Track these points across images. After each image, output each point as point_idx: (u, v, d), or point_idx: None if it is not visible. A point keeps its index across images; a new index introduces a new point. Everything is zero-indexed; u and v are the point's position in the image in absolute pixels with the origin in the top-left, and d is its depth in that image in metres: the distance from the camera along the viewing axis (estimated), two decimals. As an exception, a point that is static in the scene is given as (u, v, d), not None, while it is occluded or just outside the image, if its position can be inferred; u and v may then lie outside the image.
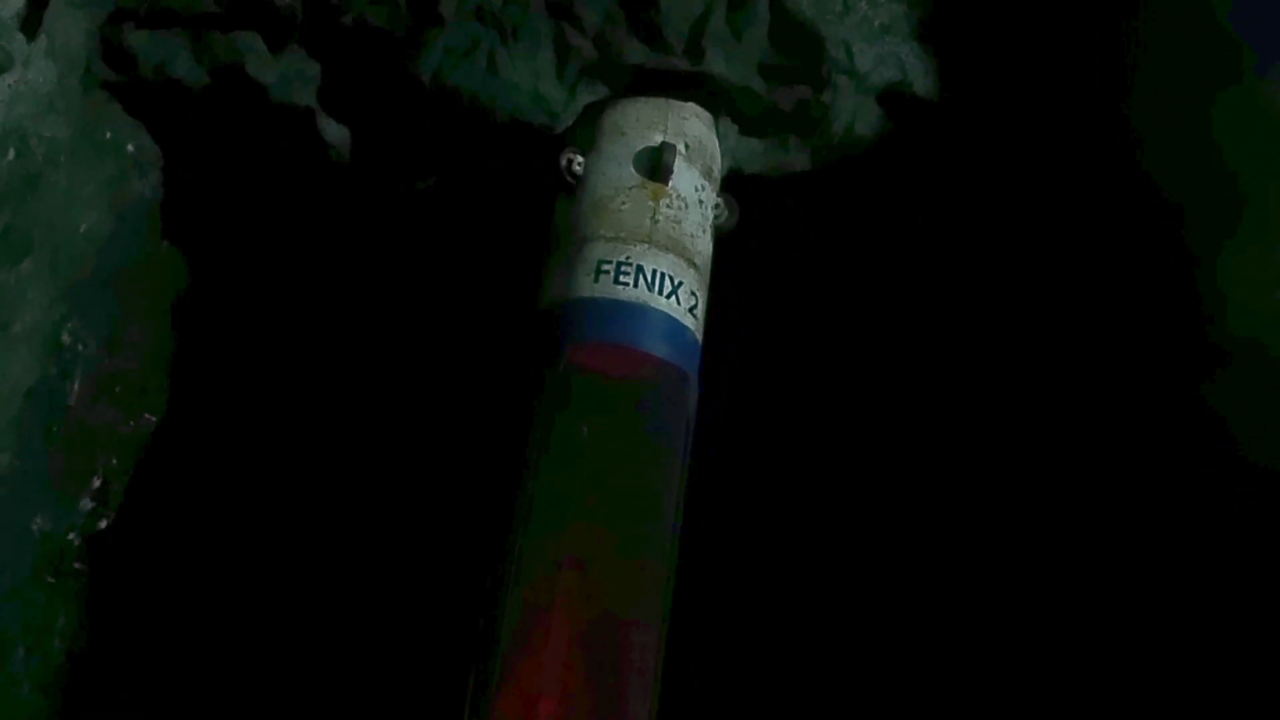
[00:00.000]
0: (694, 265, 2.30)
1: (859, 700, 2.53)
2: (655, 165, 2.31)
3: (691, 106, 2.43)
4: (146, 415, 2.54)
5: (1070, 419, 2.53)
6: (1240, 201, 2.44)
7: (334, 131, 2.51)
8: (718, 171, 2.42)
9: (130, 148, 2.56)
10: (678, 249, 2.29)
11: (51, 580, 2.47)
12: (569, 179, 2.34)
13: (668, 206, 2.31)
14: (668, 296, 2.25)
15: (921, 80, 2.62)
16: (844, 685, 2.55)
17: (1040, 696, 2.41)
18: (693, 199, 2.34)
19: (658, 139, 2.33)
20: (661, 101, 2.42)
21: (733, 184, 2.44)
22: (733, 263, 2.38)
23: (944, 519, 2.60)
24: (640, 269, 2.25)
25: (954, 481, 2.61)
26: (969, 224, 2.61)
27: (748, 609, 2.54)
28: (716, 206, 2.38)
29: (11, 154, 2.34)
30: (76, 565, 2.49)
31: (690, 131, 2.38)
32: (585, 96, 2.50)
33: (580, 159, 2.34)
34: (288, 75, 2.51)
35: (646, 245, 2.27)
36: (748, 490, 2.53)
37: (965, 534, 2.57)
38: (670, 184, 2.31)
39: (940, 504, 2.60)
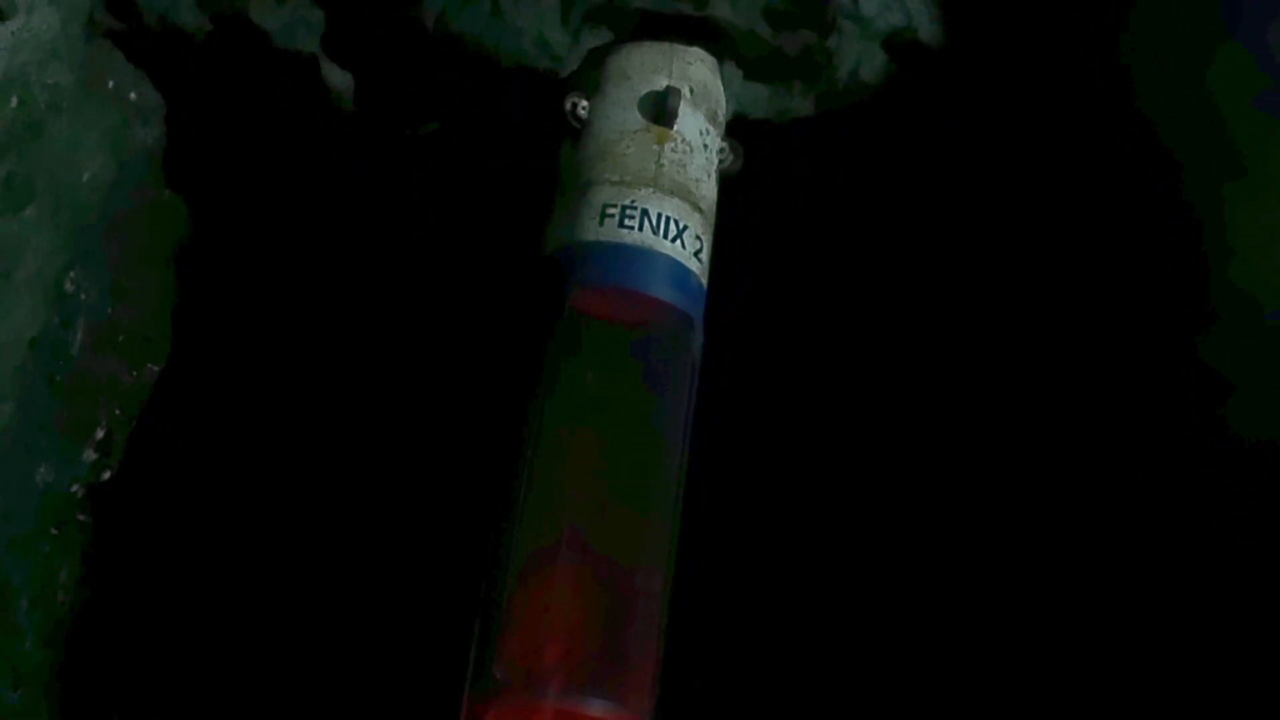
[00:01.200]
0: (699, 209, 2.29)
1: (873, 655, 2.54)
2: (660, 109, 2.29)
3: (696, 51, 2.40)
4: (150, 365, 2.54)
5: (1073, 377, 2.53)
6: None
7: (337, 78, 2.50)
8: (722, 116, 2.40)
9: (133, 96, 2.55)
10: (682, 193, 2.28)
11: (55, 532, 2.47)
12: (573, 123, 2.32)
13: (672, 151, 2.30)
14: (672, 240, 2.24)
15: (926, 26, 2.60)
16: (854, 640, 2.56)
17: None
18: (697, 143, 2.32)
19: (662, 83, 2.32)
20: (666, 46, 2.39)
21: (737, 129, 2.43)
22: (738, 208, 2.37)
23: (950, 463, 2.60)
24: (645, 213, 2.24)
25: (960, 426, 2.61)
26: (972, 170, 2.61)
27: (754, 560, 2.54)
28: (721, 151, 2.37)
29: (14, 101, 2.34)
30: (80, 517, 2.49)
31: (695, 76, 2.36)
32: (590, 41, 2.49)
33: (584, 103, 2.33)
34: (291, 22, 2.50)
35: (651, 189, 2.26)
36: (752, 436, 2.52)
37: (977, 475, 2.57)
38: (675, 128, 2.29)
39: (946, 449, 2.61)
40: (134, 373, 2.53)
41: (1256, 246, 2.44)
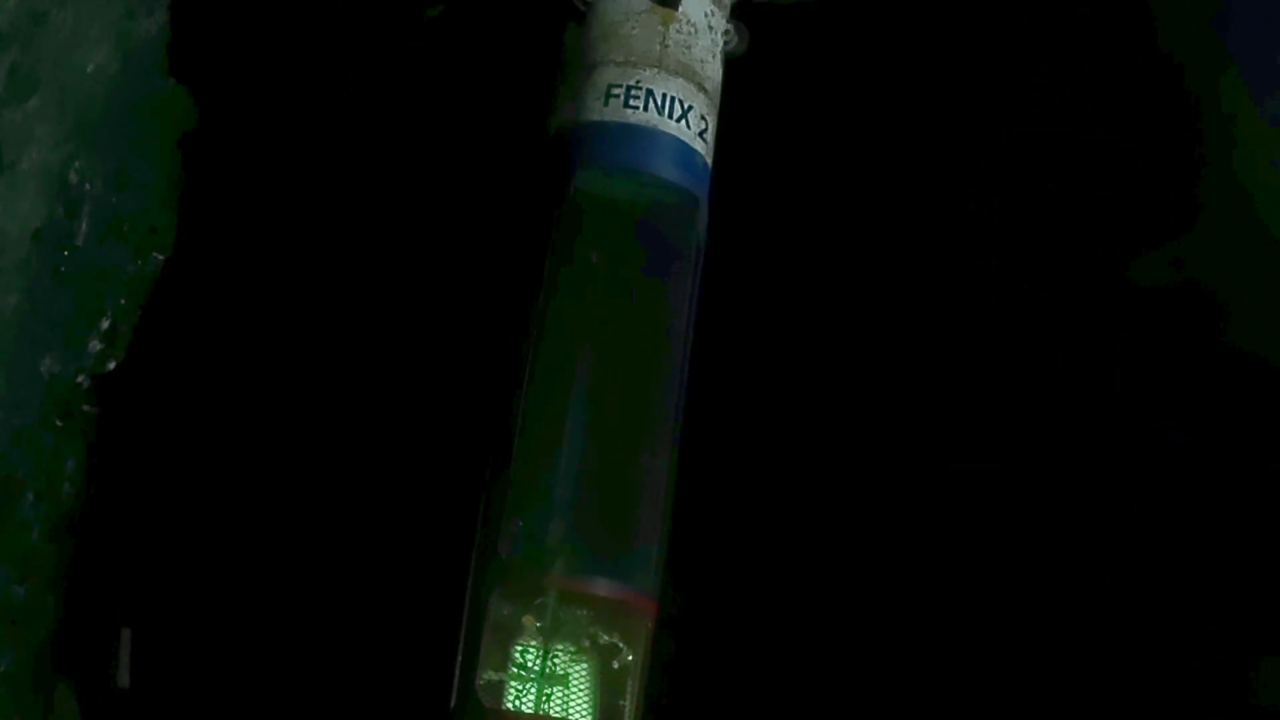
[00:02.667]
0: (704, 90, 2.30)
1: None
2: (665, -10, 2.31)
3: (702, -67, 2.42)
4: (155, 254, 2.53)
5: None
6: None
7: (342, -36, 2.51)
8: (728, -2, 2.41)
9: (136, -15, 2.55)
10: (687, 74, 2.28)
11: (60, 423, 2.46)
12: (579, 6, 2.34)
13: (677, 31, 2.30)
14: (677, 120, 2.25)
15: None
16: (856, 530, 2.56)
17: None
18: (702, 24, 2.33)
19: (667, -36, 2.33)
20: (672, -72, 2.40)
21: (742, 11, 2.42)
22: (742, 90, 2.36)
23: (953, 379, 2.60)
24: (650, 93, 2.25)
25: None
26: (979, 56, 2.61)
27: (758, 442, 2.53)
28: (726, 33, 2.38)
29: (18, -8, 2.34)
30: (85, 408, 2.48)
31: (700, -43, 2.37)
32: (596, -75, 2.48)
33: (590, -14, 2.34)
34: (294, -96, 2.51)
35: (656, 70, 2.26)
36: (757, 315, 2.52)
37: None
38: (680, 9, 2.30)
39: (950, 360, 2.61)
40: (139, 262, 2.52)
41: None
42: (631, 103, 2.23)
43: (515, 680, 2.12)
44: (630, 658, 2.16)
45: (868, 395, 2.55)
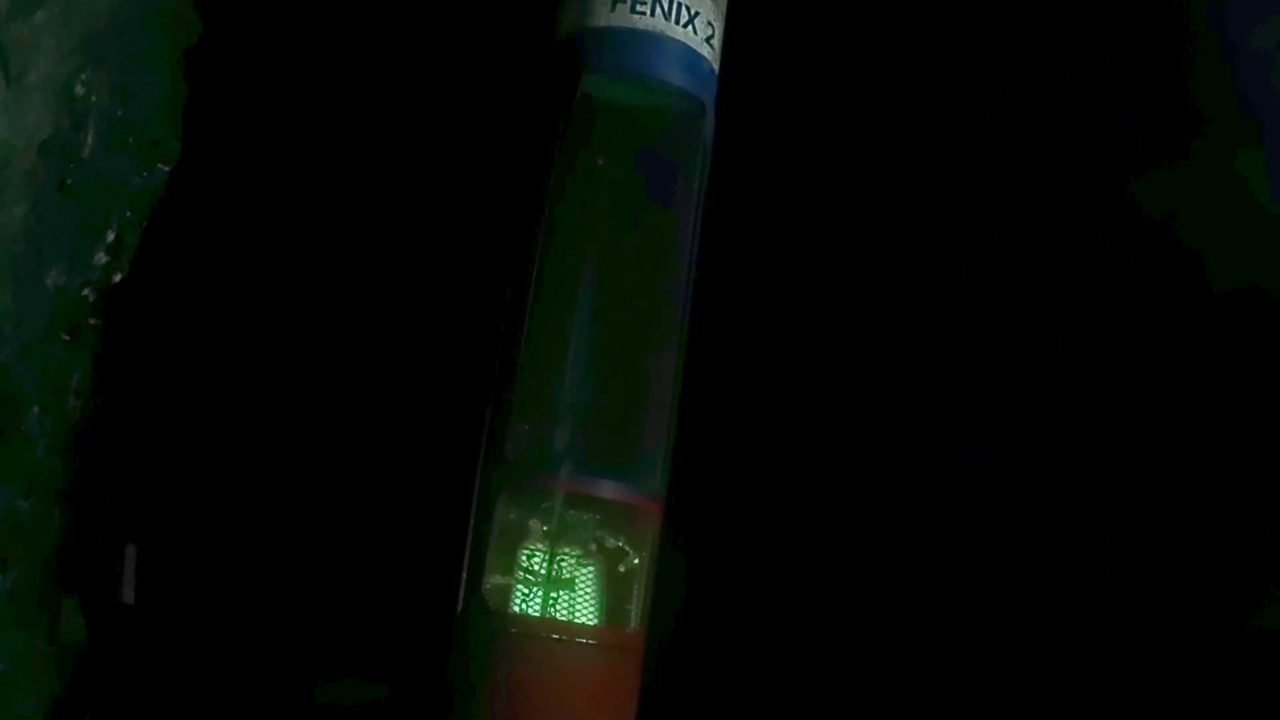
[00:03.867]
0: (712, -5, 2.30)
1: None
2: (673, -105, 2.30)
3: None
4: (160, 165, 2.53)
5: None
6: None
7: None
8: (736, -98, 2.40)
9: (142, -103, 2.54)
10: (694, -22, 2.28)
11: (66, 337, 2.46)
12: (587, -90, 2.33)
13: (686, -65, 2.30)
14: (684, 25, 2.24)
15: None
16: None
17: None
18: (711, -71, 2.32)
19: None
20: None
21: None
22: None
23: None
24: (657, -2, 2.24)
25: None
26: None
27: (762, 343, 2.54)
28: (735, -63, 2.37)
29: (23, -96, 2.33)
30: (91, 321, 2.48)
31: None
32: None
33: (596, -113, 2.33)
34: None
35: (663, -25, 2.26)
36: (763, 219, 2.52)
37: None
38: (688, -88, 2.31)
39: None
40: (144, 174, 2.52)
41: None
42: (639, 8, 2.22)
43: (522, 584, 2.13)
44: (636, 561, 2.17)
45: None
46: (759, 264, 2.55)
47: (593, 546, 2.16)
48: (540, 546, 2.14)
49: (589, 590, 2.16)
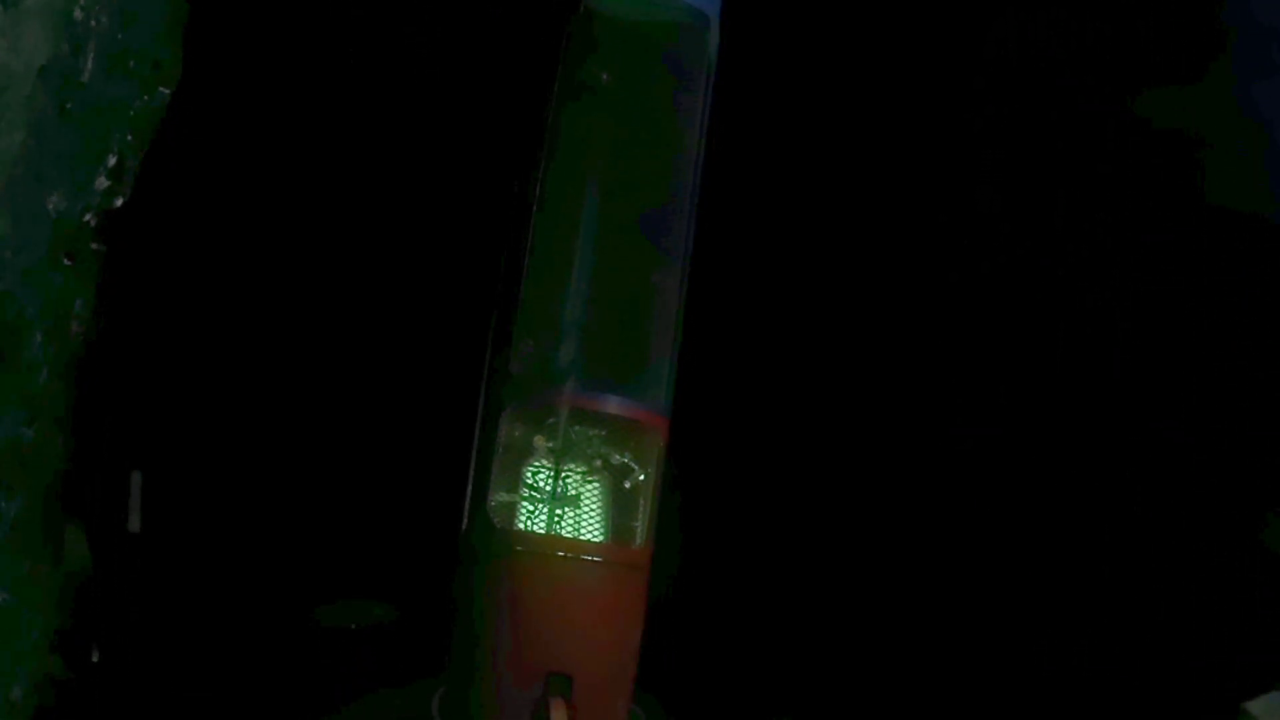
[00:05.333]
0: (717, -94, 2.28)
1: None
2: None
3: None
4: (161, 89, 2.51)
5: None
6: None
7: None
8: None
9: None
10: (698, -113, 2.26)
11: (68, 262, 2.45)
12: None
13: None
14: (688, -62, 2.23)
15: None
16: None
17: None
18: None
19: None
20: None
21: None
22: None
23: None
24: (660, -91, 2.23)
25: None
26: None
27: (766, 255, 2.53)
28: None
29: None
30: (93, 246, 2.47)
31: None
32: None
33: None
34: None
35: (667, -115, 2.24)
36: (767, 135, 2.51)
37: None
38: None
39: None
40: (145, 97, 2.50)
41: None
42: (642, -80, 2.21)
43: (527, 501, 2.12)
44: (642, 478, 2.16)
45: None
46: (765, 183, 2.54)
47: (598, 463, 2.15)
48: (545, 463, 2.13)
49: (594, 507, 2.15)
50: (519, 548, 2.07)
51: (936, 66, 2.66)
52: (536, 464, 2.14)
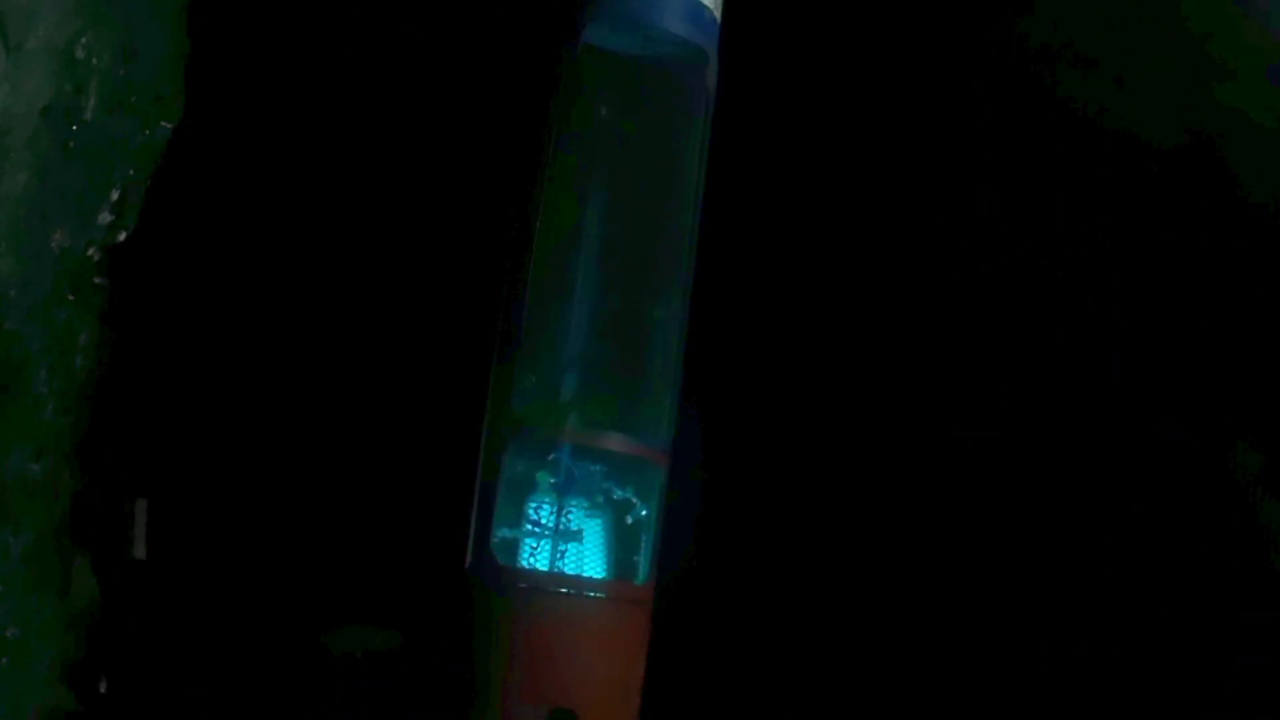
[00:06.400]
0: (714, -56, 2.28)
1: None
2: None
3: None
4: (163, 123, 2.53)
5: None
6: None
7: None
8: None
9: None
10: (695, -74, 2.26)
11: (72, 297, 2.46)
12: None
13: (685, -118, 2.28)
14: (686, -26, 2.23)
15: None
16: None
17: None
18: (711, -125, 2.30)
19: None
20: None
21: None
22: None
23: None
24: (659, -54, 2.23)
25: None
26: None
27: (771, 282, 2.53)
28: (736, -117, 2.35)
29: None
30: (97, 280, 2.48)
31: None
32: None
33: None
34: None
35: (664, -77, 2.24)
36: (767, 169, 2.51)
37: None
38: None
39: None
40: (147, 131, 2.51)
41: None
42: (640, -43, 2.21)
43: (529, 537, 2.13)
44: (644, 513, 2.17)
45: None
46: (764, 218, 2.54)
47: (600, 498, 2.16)
48: (548, 499, 2.14)
49: (597, 542, 2.16)
50: (522, 584, 2.08)
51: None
52: (539, 500, 2.15)
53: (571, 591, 2.08)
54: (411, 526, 2.41)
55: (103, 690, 2.47)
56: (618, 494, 2.16)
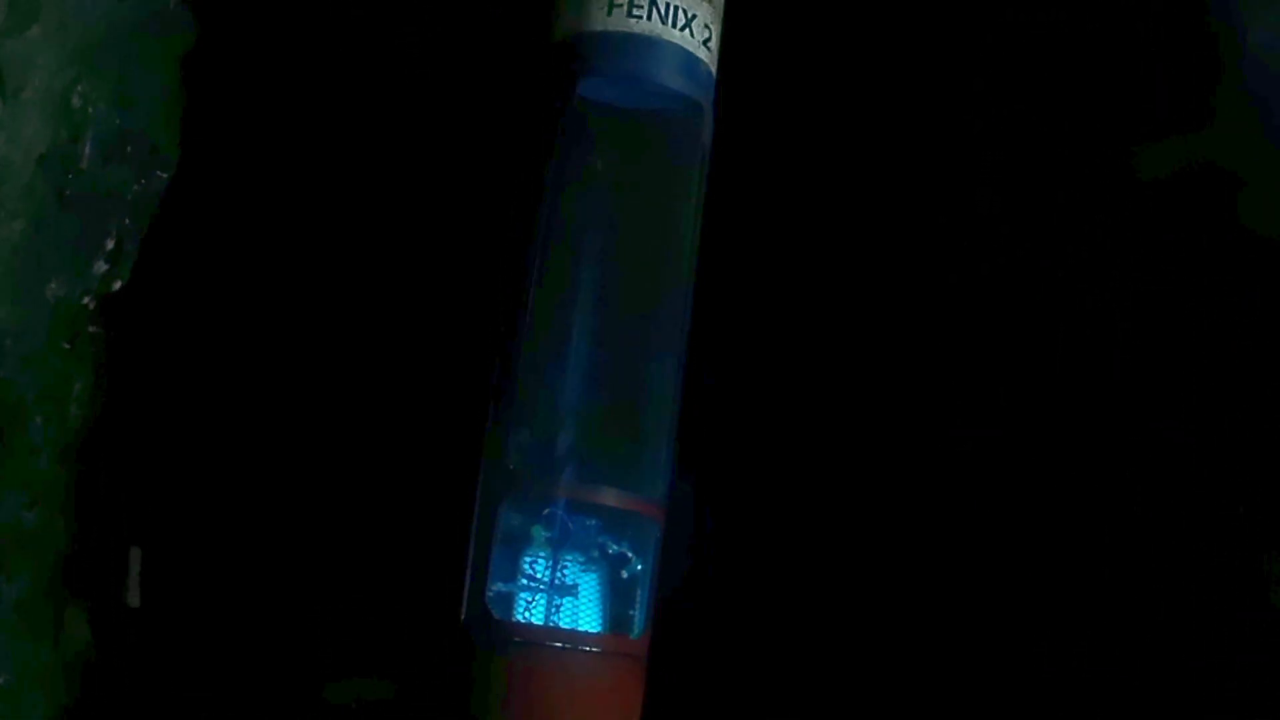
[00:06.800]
0: (708, -2, 2.29)
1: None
2: (666, -103, 2.28)
3: None
4: (159, 173, 2.53)
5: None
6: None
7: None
8: (730, -95, 2.39)
9: (135, -94, 2.54)
10: (691, -19, 2.27)
11: (67, 346, 2.46)
12: (582, -86, 2.31)
13: (681, -62, 2.29)
14: (681, 29, 2.23)
15: None
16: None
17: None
18: (706, -69, 2.31)
19: (669, -128, 2.31)
20: None
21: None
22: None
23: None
24: (653, 1, 2.22)
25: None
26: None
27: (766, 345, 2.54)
28: (731, -60, 2.36)
29: (17, -83, 2.32)
30: (91, 329, 2.48)
31: None
32: None
33: (590, -106, 2.31)
34: None
35: (660, -22, 2.25)
36: (764, 222, 2.52)
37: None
38: (685, -85, 2.29)
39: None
40: (142, 181, 2.51)
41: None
42: (635, 11, 2.21)
43: (525, 591, 2.13)
44: (640, 567, 2.17)
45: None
46: (758, 268, 2.55)
47: (595, 553, 2.16)
48: (543, 553, 2.14)
49: (592, 596, 2.15)
50: (517, 638, 2.08)
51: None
52: (534, 553, 2.14)
53: (567, 646, 2.08)
54: (407, 579, 2.40)
55: (98, 738, 2.46)
56: (613, 548, 2.16)
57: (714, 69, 2.27)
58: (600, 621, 2.15)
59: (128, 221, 2.50)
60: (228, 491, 2.48)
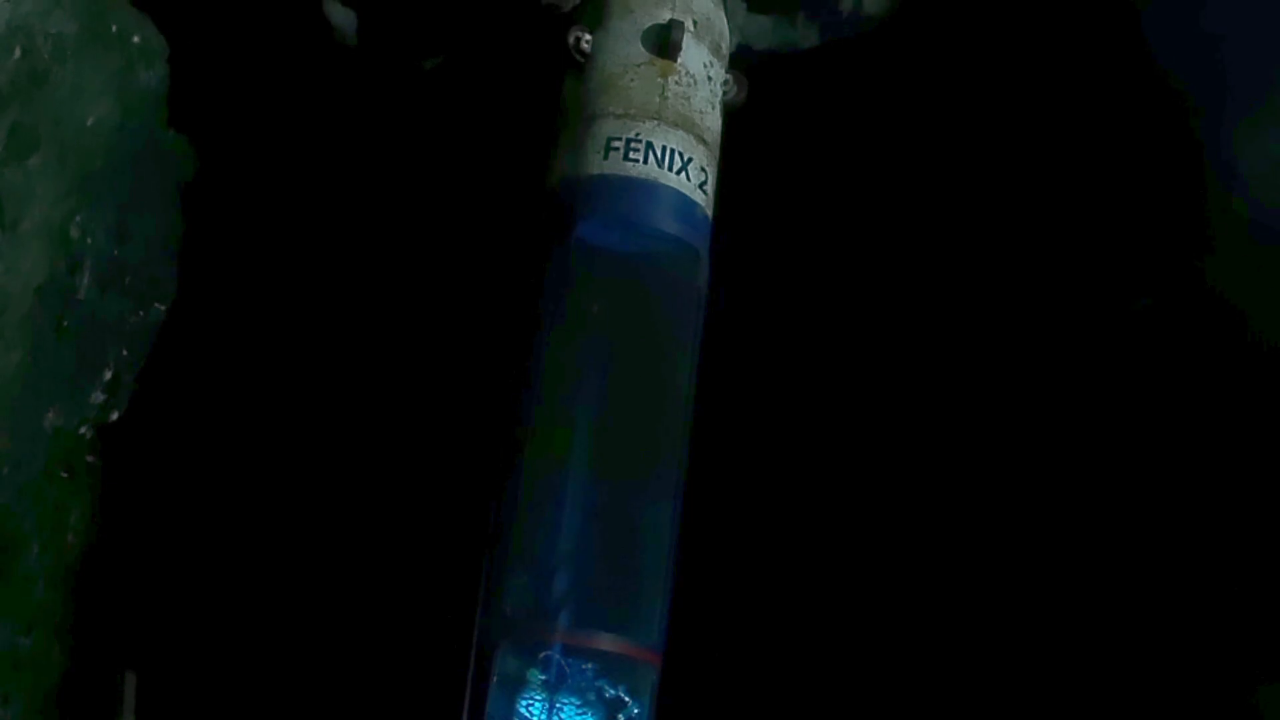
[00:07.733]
0: (704, 141, 2.29)
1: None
2: (663, 42, 2.28)
3: (700, -17, 2.41)
4: (157, 304, 2.54)
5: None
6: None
7: (339, 15, 2.50)
8: (726, 48, 2.40)
9: (136, 39, 2.53)
10: (687, 125, 2.27)
11: (64, 475, 2.47)
12: (577, 57, 2.32)
13: (676, 83, 2.29)
14: (677, 172, 2.24)
15: (930, -42, 2.59)
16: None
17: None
18: (701, 75, 2.31)
19: (666, 16, 2.30)
20: (670, -21, 2.40)
21: (741, 61, 2.42)
22: (743, 140, 2.36)
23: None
24: (650, 145, 2.23)
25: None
26: (975, 97, 2.60)
27: (763, 492, 2.54)
28: (725, 83, 2.37)
29: (18, 52, 2.33)
30: (89, 459, 2.49)
31: (698, 8, 2.35)
32: (592, -26, 2.48)
33: (588, 36, 2.32)
34: (291, -39, 2.51)
35: (655, 122, 2.25)
36: (759, 367, 2.52)
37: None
38: (679, 60, 2.29)
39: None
40: (140, 313, 2.53)
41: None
42: (631, 155, 2.22)
43: (521, 734, 2.13)
44: (636, 711, 2.16)
45: (866, 431, 2.57)
46: (757, 405, 2.56)
47: (592, 696, 2.16)
48: (540, 696, 2.13)
49: (589, 741, 2.15)
50: (514, 782, 2.08)
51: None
52: (530, 696, 2.14)
53: (564, 789, 2.08)
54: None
55: None
56: (610, 692, 2.16)
57: (710, 212, 2.28)
58: (598, 765, 2.15)
59: (125, 352, 2.51)
60: (222, 619, 2.48)
